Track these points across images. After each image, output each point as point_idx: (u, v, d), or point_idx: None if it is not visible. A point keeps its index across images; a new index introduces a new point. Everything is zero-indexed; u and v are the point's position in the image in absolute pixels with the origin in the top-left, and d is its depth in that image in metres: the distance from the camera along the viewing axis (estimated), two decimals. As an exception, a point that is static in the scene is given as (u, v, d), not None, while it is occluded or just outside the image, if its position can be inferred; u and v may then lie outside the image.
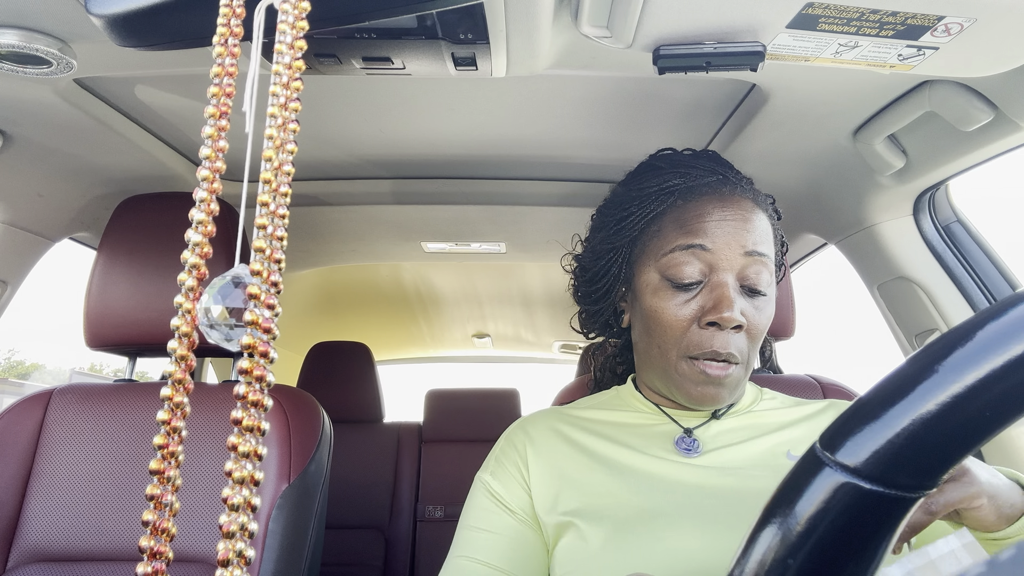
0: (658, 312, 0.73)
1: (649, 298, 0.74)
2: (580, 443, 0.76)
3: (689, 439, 0.74)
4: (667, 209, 0.76)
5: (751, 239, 0.72)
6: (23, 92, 0.91)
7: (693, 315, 0.71)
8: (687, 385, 0.72)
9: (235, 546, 0.32)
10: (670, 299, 0.72)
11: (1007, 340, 0.26)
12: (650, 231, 0.77)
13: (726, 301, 0.69)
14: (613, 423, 0.79)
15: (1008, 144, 0.91)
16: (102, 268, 1.07)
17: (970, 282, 1.14)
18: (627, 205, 0.80)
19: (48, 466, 1.00)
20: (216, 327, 0.35)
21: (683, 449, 0.73)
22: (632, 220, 0.78)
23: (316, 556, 1.03)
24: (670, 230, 0.74)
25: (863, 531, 0.28)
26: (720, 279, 0.71)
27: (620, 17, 0.67)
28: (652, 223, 0.77)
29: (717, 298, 0.70)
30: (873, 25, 0.66)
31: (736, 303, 0.70)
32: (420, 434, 2.29)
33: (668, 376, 0.74)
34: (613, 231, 0.81)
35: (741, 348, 0.71)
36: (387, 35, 0.70)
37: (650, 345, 0.75)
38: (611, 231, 0.81)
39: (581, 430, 0.78)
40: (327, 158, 1.28)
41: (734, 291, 0.71)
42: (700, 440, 0.74)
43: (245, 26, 0.40)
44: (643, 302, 0.75)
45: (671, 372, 0.73)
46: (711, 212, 0.73)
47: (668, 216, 0.75)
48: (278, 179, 0.36)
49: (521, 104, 1.06)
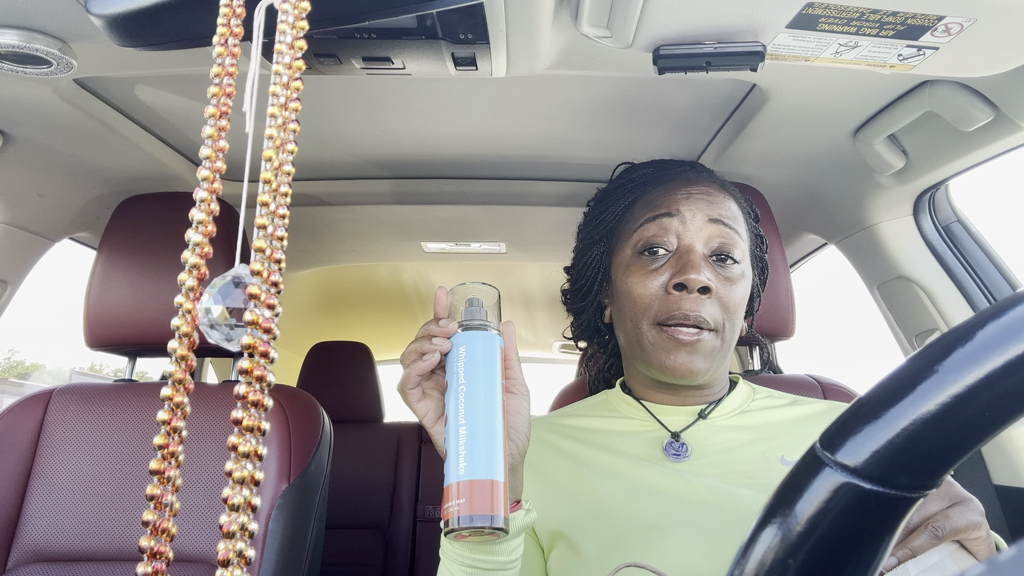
0: (630, 286, 0.76)
1: (623, 276, 0.78)
2: (570, 452, 0.76)
3: (678, 444, 0.74)
4: (639, 196, 0.82)
5: (717, 210, 0.76)
6: (23, 92, 0.91)
7: (663, 284, 0.74)
8: (660, 355, 0.73)
9: (235, 546, 0.32)
10: (641, 271, 0.76)
11: (1007, 340, 0.26)
12: (624, 217, 0.82)
13: (691, 265, 0.72)
14: (601, 430, 0.79)
15: (1008, 144, 0.91)
16: (102, 268, 1.07)
17: (970, 282, 1.14)
18: (603, 201, 0.86)
19: (48, 466, 1.00)
20: (216, 327, 0.35)
21: (672, 455, 0.73)
22: (608, 213, 0.83)
23: (316, 556, 1.03)
24: (639, 208, 0.80)
25: (863, 531, 0.28)
26: (686, 244, 0.75)
27: (620, 17, 0.67)
28: (626, 211, 0.82)
29: (683, 262, 0.73)
30: (873, 25, 0.66)
31: (703, 268, 0.72)
32: (420, 434, 2.29)
33: (643, 349, 0.75)
34: (592, 227, 0.86)
35: (713, 315, 0.72)
36: (387, 35, 0.70)
37: (626, 323, 0.77)
38: (591, 228, 0.87)
39: (570, 439, 0.78)
40: (327, 158, 1.28)
41: (701, 258, 0.74)
42: (689, 444, 0.74)
43: (245, 26, 0.40)
44: (618, 283, 0.79)
45: (644, 344, 0.75)
46: (678, 189, 0.78)
47: (639, 201, 0.81)
48: (278, 179, 0.36)
49: (521, 104, 1.06)
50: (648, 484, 0.70)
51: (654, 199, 0.78)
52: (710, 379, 0.76)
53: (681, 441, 0.74)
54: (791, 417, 0.78)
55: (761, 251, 0.85)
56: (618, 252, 0.81)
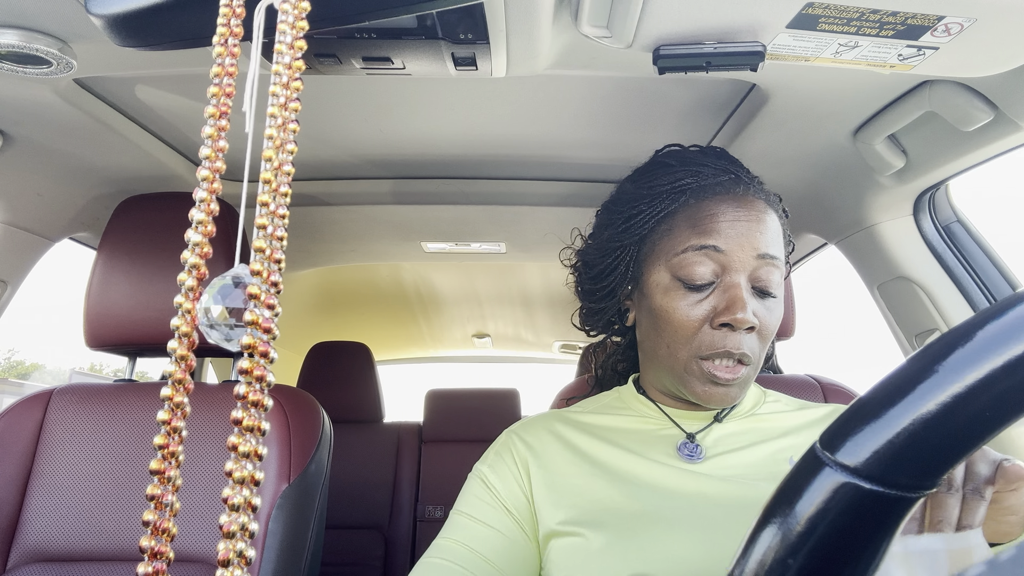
0: (669, 312, 0.72)
1: (660, 297, 0.73)
2: (582, 448, 0.76)
3: (692, 445, 0.74)
4: (679, 208, 0.75)
5: (764, 241, 0.71)
6: (23, 92, 0.91)
7: (705, 316, 0.71)
8: (695, 384, 0.71)
9: (235, 546, 0.32)
10: (681, 299, 0.72)
11: (1007, 340, 0.26)
12: (660, 230, 0.76)
13: (739, 302, 0.69)
14: (615, 428, 0.78)
15: (1008, 144, 0.91)
16: (102, 268, 1.07)
17: (970, 282, 1.14)
18: (637, 203, 0.78)
19: (48, 466, 1.00)
20: (216, 327, 0.35)
21: (685, 455, 0.73)
22: (642, 218, 0.77)
23: (316, 556, 1.03)
24: (682, 229, 0.73)
25: (863, 531, 0.28)
26: (733, 280, 0.70)
27: (620, 17, 0.67)
28: (663, 222, 0.75)
29: (730, 299, 0.69)
30: (873, 25, 0.66)
31: (749, 304, 0.69)
32: (420, 434, 2.29)
33: (676, 375, 0.73)
34: (622, 228, 0.79)
35: (753, 348, 0.71)
36: (387, 35, 0.70)
37: (658, 344, 0.75)
38: (619, 228, 0.79)
39: (583, 434, 0.78)
40: (327, 158, 1.28)
41: (747, 292, 0.70)
42: (703, 446, 0.74)
43: (245, 26, 0.40)
44: (653, 301, 0.75)
45: (679, 371, 0.73)
46: (724, 212, 0.72)
47: (680, 215, 0.74)
48: (278, 179, 0.36)
49: (521, 104, 1.06)
50: (659, 481, 0.71)
51: (699, 219, 0.72)
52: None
53: (696, 443, 0.74)
54: (800, 421, 0.78)
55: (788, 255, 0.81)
56: (654, 266, 0.75)
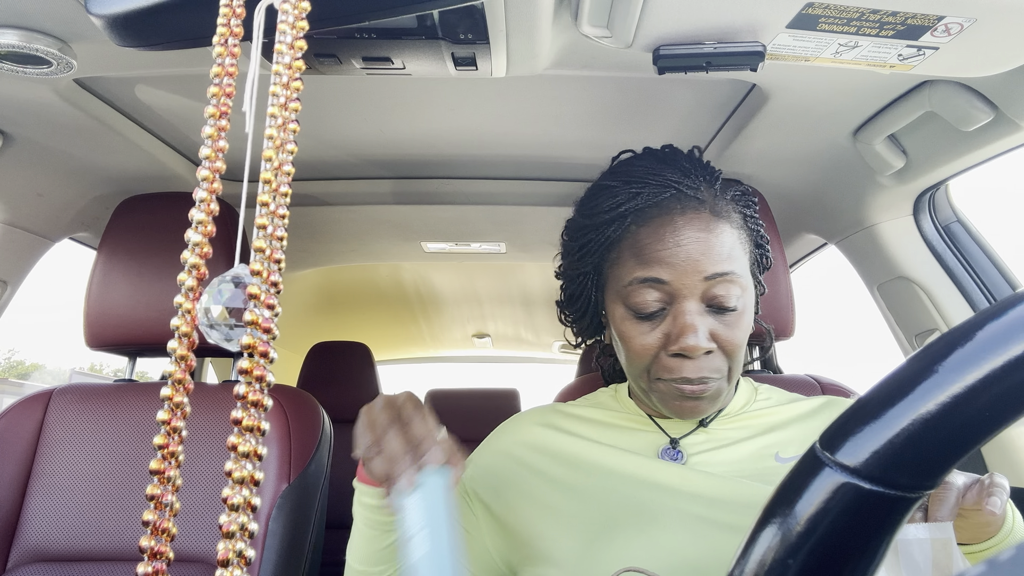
0: (626, 340, 0.72)
1: (617, 324, 0.73)
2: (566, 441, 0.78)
3: (674, 451, 0.74)
4: (623, 235, 0.73)
5: (711, 260, 0.68)
6: (23, 92, 0.91)
7: (659, 343, 0.69)
8: (666, 400, 0.71)
9: (235, 546, 0.32)
10: (635, 327, 0.71)
11: (1007, 340, 0.26)
12: (610, 258, 0.74)
13: (688, 330, 0.67)
14: (603, 422, 0.80)
15: (1008, 144, 0.91)
16: (102, 268, 1.07)
17: (970, 282, 1.14)
18: (585, 232, 0.77)
19: (48, 466, 1.00)
20: (216, 327, 0.35)
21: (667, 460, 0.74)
22: (591, 247, 0.75)
23: (316, 556, 1.03)
24: (627, 259, 0.71)
25: (863, 531, 0.28)
26: (681, 307, 0.68)
27: (620, 17, 0.67)
28: (611, 250, 0.74)
29: (680, 328, 0.67)
30: (873, 25, 0.66)
31: (700, 330, 0.67)
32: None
33: (646, 392, 0.73)
34: (576, 258, 0.78)
35: (716, 367, 0.69)
36: (387, 35, 0.70)
37: (626, 365, 0.75)
38: (575, 258, 0.79)
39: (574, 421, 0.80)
40: (327, 158, 1.28)
41: (698, 316, 0.68)
42: (686, 452, 0.74)
43: (245, 26, 0.40)
44: (613, 327, 0.75)
45: (647, 391, 0.73)
46: (665, 237, 0.69)
47: (625, 243, 0.72)
48: (278, 179, 0.36)
49: (521, 104, 1.06)
50: (641, 475, 0.72)
51: (641, 248, 0.70)
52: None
53: (678, 449, 0.75)
54: (788, 416, 0.78)
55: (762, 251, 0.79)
56: (609, 296, 0.75)
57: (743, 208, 0.76)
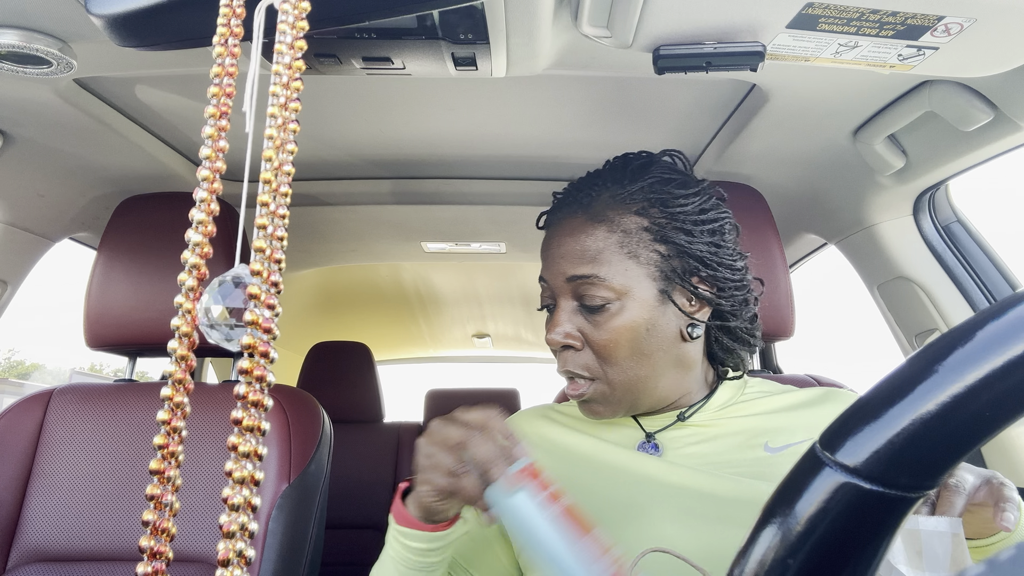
0: None
1: None
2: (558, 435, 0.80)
3: (650, 445, 0.75)
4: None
5: (569, 264, 0.73)
6: (23, 92, 0.91)
7: None
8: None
9: (235, 546, 0.32)
10: (547, 323, 0.78)
11: (1007, 340, 0.26)
12: None
13: (549, 324, 0.75)
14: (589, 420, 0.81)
15: (1008, 144, 0.91)
16: (102, 268, 1.07)
17: (970, 282, 1.14)
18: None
19: (48, 466, 1.00)
20: (216, 327, 0.35)
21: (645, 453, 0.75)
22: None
23: (316, 556, 1.03)
24: None
25: (863, 531, 0.28)
26: (557, 304, 0.75)
27: (620, 17, 0.67)
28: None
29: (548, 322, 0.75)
30: (873, 25, 0.66)
31: (562, 326, 0.73)
32: (420, 434, 2.29)
33: None
34: None
35: (586, 364, 0.73)
36: (387, 35, 0.70)
37: None
38: None
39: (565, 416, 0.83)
40: (327, 158, 1.28)
41: (567, 313, 0.74)
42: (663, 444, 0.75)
43: (245, 26, 0.40)
44: None
45: None
46: (546, 242, 0.78)
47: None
48: (278, 179, 0.36)
49: (521, 104, 1.06)
50: (626, 467, 0.73)
51: (543, 252, 0.79)
52: (652, 403, 0.75)
53: (653, 442, 0.75)
54: (778, 405, 0.77)
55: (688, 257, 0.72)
56: None
57: (663, 214, 0.72)
